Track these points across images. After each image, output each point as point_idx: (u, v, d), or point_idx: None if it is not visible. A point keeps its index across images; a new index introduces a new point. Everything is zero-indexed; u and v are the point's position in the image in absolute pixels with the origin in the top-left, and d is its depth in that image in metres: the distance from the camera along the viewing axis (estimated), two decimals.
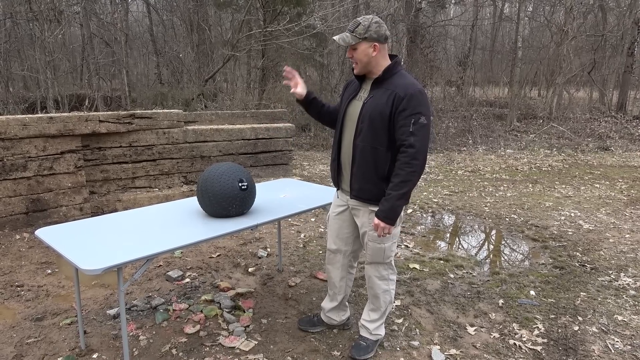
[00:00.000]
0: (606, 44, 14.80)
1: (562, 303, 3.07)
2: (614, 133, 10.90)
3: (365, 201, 2.26)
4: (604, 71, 15.02)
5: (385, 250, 2.32)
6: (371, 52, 2.13)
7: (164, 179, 5.20)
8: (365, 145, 2.18)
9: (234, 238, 4.18)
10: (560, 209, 5.27)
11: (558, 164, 8.07)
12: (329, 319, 2.66)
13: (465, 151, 9.26)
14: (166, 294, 3.12)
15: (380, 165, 2.17)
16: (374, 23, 2.12)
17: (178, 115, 5.23)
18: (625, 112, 13.63)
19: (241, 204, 2.54)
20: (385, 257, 2.35)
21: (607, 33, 14.25)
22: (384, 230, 2.15)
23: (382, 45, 2.15)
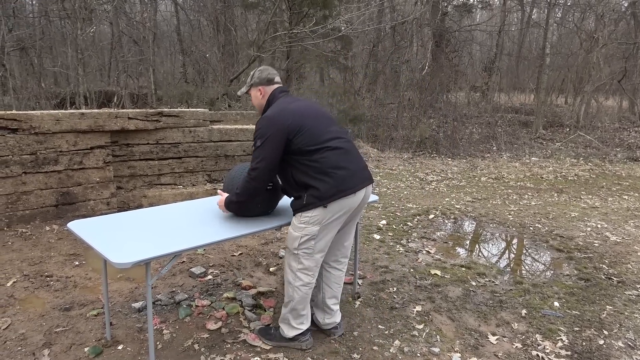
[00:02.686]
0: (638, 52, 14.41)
1: (587, 316, 3.01)
2: None
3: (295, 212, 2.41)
4: (635, 80, 14.63)
5: (290, 238, 2.39)
6: (259, 95, 2.50)
7: (189, 176, 5.29)
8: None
9: (256, 237, 4.22)
10: (586, 219, 5.17)
11: (585, 174, 7.90)
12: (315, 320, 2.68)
13: (489, 158, 9.14)
14: (189, 290, 3.17)
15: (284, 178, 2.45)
16: (257, 71, 2.52)
17: (204, 114, 5.31)
18: None
19: (266, 204, 2.56)
20: (291, 244, 2.39)
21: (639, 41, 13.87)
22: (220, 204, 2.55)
23: (267, 87, 2.48)
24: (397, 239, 4.34)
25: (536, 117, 11.92)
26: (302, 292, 2.42)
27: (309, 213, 2.29)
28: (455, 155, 9.26)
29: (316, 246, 2.35)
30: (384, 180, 7.00)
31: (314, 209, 2.28)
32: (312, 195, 2.27)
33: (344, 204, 2.30)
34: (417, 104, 11.38)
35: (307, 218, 2.30)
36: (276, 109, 2.36)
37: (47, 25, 12.77)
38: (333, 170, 2.26)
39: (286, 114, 2.30)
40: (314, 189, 2.26)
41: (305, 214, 2.31)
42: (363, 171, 2.41)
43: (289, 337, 2.49)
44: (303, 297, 2.44)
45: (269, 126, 2.28)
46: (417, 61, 12.44)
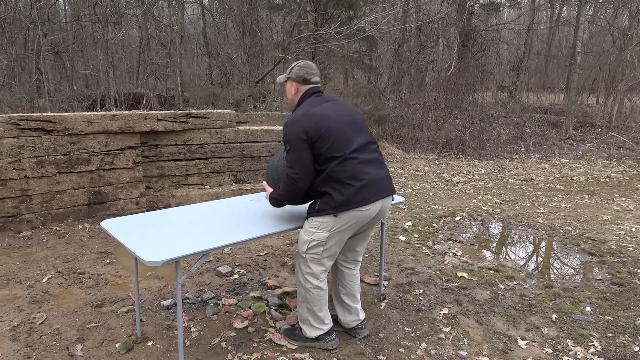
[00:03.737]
0: None
1: (621, 322, 2.92)
2: None
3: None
4: None
5: (300, 241, 2.40)
6: (292, 90, 2.48)
7: (215, 177, 5.36)
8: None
9: (281, 237, 4.25)
10: (619, 222, 5.01)
11: (617, 176, 7.66)
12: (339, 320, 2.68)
13: (517, 159, 8.96)
14: (216, 289, 3.21)
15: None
16: (297, 66, 2.47)
17: (230, 115, 5.37)
18: None
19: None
20: (300, 248, 2.40)
21: None
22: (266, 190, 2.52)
23: (302, 86, 2.45)
24: (423, 241, 4.30)
25: (566, 118, 11.62)
26: (314, 294, 2.42)
27: (320, 219, 2.31)
28: (482, 156, 9.11)
29: (324, 253, 2.35)
30: (409, 181, 6.95)
31: (325, 215, 2.29)
32: (325, 202, 2.28)
33: (356, 215, 2.28)
34: (443, 104, 11.25)
35: (318, 223, 2.32)
36: (300, 112, 2.33)
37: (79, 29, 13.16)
38: (350, 182, 2.24)
39: (309, 118, 2.27)
40: (328, 196, 2.27)
41: (316, 219, 2.33)
42: (383, 182, 2.36)
43: (312, 337, 2.49)
44: (316, 299, 2.43)
45: (291, 131, 2.27)
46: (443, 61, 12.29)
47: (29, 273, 3.38)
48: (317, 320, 2.48)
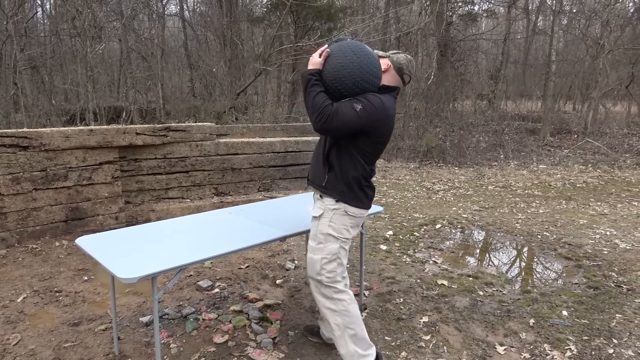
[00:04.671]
0: None
1: (596, 324, 2.98)
2: None
3: (312, 185, 2.36)
4: None
5: (315, 264, 2.25)
6: (384, 67, 2.30)
7: (196, 190, 5.34)
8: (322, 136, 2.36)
9: (262, 250, 4.24)
10: (595, 227, 5.12)
11: (593, 181, 7.84)
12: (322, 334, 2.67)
13: (496, 166, 9.11)
14: (196, 304, 3.19)
15: (324, 149, 2.28)
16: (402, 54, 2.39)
17: (211, 128, 5.37)
18: None
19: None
20: (315, 271, 2.26)
21: None
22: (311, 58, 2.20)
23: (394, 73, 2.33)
24: (404, 250, 4.33)
25: (543, 124, 11.88)
26: (350, 311, 2.26)
27: (331, 200, 2.23)
28: (462, 164, 9.24)
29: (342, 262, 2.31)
30: (390, 190, 7.01)
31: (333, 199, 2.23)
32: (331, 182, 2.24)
33: (356, 213, 2.27)
34: (423, 113, 11.40)
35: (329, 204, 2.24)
36: (382, 100, 2.16)
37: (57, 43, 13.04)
38: (367, 189, 2.30)
39: (384, 113, 2.16)
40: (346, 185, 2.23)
41: (329, 199, 2.24)
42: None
43: None
44: (354, 317, 2.27)
45: (370, 109, 2.10)
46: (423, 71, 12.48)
47: (3, 293, 3.31)
48: (362, 347, 2.28)
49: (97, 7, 10.45)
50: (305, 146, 5.97)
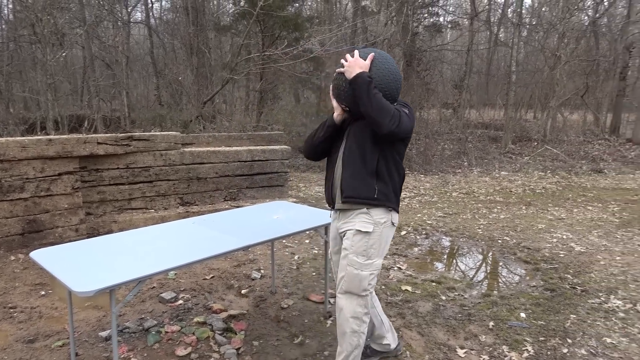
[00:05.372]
0: (599, 68, 15.07)
1: (552, 325, 3.09)
2: (607, 156, 11.02)
3: (355, 202, 2.22)
4: (597, 94, 15.25)
5: (362, 280, 2.19)
6: None
7: (160, 200, 5.25)
8: (351, 144, 2.24)
9: (228, 259, 4.21)
10: (552, 231, 5.32)
11: (552, 186, 8.14)
12: (381, 346, 2.60)
13: (460, 173, 9.34)
14: (159, 316, 3.13)
15: (368, 160, 2.19)
16: None
17: (175, 137, 5.31)
18: (619, 135, 13.80)
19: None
20: (362, 287, 2.20)
21: (600, 58, 14.52)
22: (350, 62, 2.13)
23: None
24: None
25: (505, 132, 12.27)
26: (365, 333, 2.30)
27: (382, 212, 2.22)
28: (427, 171, 9.43)
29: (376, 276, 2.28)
30: None
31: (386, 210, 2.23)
32: (382, 192, 2.20)
33: (397, 222, 2.32)
34: None
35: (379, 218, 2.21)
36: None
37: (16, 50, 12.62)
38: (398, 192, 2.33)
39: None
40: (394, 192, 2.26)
41: (379, 211, 2.21)
42: None
43: None
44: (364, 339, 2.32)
45: (412, 114, 2.24)
46: None
47: None
48: None
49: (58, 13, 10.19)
50: (272, 155, 5.97)
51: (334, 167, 2.32)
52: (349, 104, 2.22)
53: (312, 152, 2.44)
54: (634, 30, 14.73)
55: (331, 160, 2.36)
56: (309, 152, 2.46)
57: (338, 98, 2.26)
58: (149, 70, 16.84)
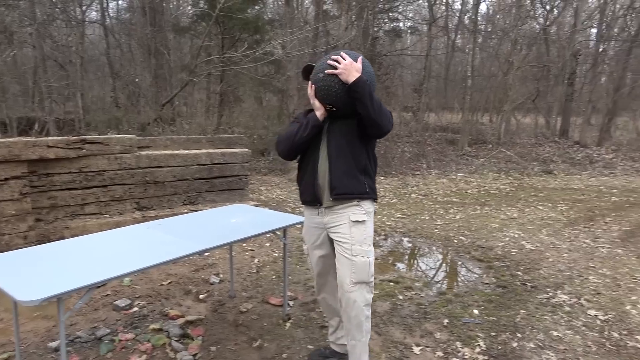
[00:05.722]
0: (549, 74, 15.78)
1: (503, 321, 3.22)
2: (557, 157, 11.56)
3: (347, 198, 2.29)
4: (548, 99, 15.97)
5: (370, 266, 2.27)
6: None
7: (115, 205, 5.10)
8: (340, 142, 2.30)
9: (186, 264, 4.14)
10: (505, 230, 5.53)
11: (505, 187, 8.46)
12: (341, 347, 2.61)
13: (419, 175, 9.56)
14: (112, 324, 3.05)
15: (357, 157, 2.31)
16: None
17: (131, 140, 5.18)
18: (568, 138, 14.48)
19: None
20: (370, 273, 2.28)
21: (549, 64, 15.21)
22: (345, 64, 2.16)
23: None
24: None
25: (462, 135, 12.65)
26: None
27: (370, 202, 2.38)
28: (387, 173, 9.59)
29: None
30: None
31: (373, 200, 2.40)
32: (370, 186, 2.36)
33: None
34: None
35: (368, 208, 2.35)
36: None
37: None
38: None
39: None
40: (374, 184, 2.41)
41: (368, 202, 2.36)
42: None
43: None
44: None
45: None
46: None
47: None
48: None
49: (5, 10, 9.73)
50: (232, 158, 5.92)
51: (315, 164, 2.34)
52: (339, 104, 2.26)
53: (293, 152, 2.43)
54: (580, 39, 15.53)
55: (310, 158, 2.37)
56: (288, 153, 2.44)
57: (326, 98, 2.28)
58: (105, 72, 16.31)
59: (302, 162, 2.45)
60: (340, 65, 2.17)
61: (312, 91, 2.32)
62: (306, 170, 2.40)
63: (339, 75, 2.18)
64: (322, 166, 2.33)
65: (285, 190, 7.81)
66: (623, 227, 5.77)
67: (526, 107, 15.73)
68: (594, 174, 10.36)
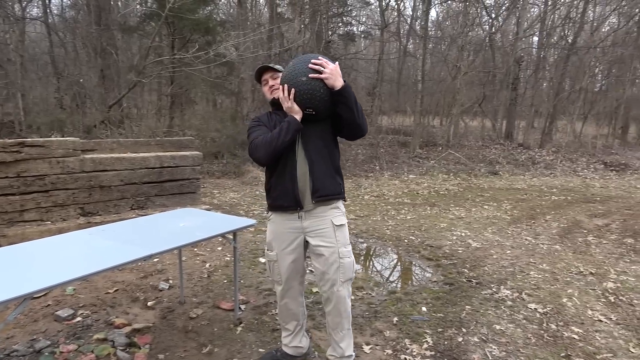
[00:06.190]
0: (494, 79, 16.51)
1: (450, 317, 3.33)
2: (502, 159, 12.09)
3: (328, 199, 2.35)
4: (494, 103, 16.69)
5: (353, 264, 2.44)
6: None
7: (58, 211, 4.87)
8: (317, 144, 2.33)
9: (134, 271, 4.01)
10: (453, 229, 5.73)
11: (454, 188, 8.76)
12: (295, 350, 2.65)
13: (372, 177, 9.73)
14: (53, 336, 2.91)
15: (333, 158, 2.39)
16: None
17: (74, 143, 4.96)
18: (512, 140, 15.18)
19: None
20: (353, 270, 2.44)
21: (495, 70, 15.91)
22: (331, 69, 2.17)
23: None
24: None
25: (413, 138, 12.98)
26: None
27: (342, 203, 2.49)
28: None
29: None
30: None
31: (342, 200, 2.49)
32: (343, 186, 2.47)
33: None
34: None
35: (343, 208, 2.47)
36: None
37: None
38: None
39: None
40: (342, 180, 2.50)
41: (341, 203, 2.46)
42: None
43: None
44: None
45: None
46: None
47: None
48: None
49: None
50: (182, 161, 5.80)
51: (293, 169, 2.31)
52: (320, 109, 2.25)
53: (273, 157, 2.29)
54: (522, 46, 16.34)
55: (287, 162, 2.32)
56: (269, 158, 2.29)
57: (308, 102, 2.22)
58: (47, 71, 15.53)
59: (276, 168, 2.36)
60: (327, 70, 2.16)
61: (292, 95, 2.22)
62: (282, 175, 2.34)
63: (324, 80, 2.17)
64: (301, 169, 2.31)
65: (238, 193, 7.74)
66: (561, 224, 6.11)
67: (473, 110, 16.36)
68: (536, 174, 10.92)
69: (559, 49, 16.76)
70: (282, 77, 2.29)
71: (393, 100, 20.69)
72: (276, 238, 2.47)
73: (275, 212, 2.45)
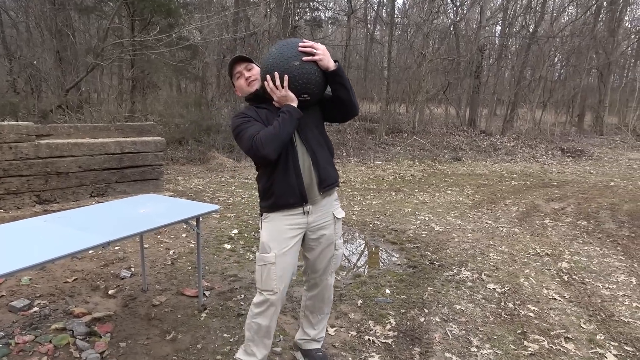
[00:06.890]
0: (459, 67, 16.80)
1: (413, 298, 3.41)
2: (465, 145, 12.38)
3: (332, 187, 2.29)
4: (458, 91, 17.01)
5: (339, 258, 2.50)
6: None
7: (12, 198, 4.68)
8: (314, 132, 2.21)
9: (94, 259, 3.91)
10: (417, 214, 5.84)
11: (419, 174, 8.92)
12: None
13: (339, 163, 9.77)
14: (8, 327, 2.80)
15: (328, 144, 2.33)
16: None
17: (27, 128, 4.75)
18: (475, 127, 15.55)
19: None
20: (342, 259, 2.57)
21: (459, 58, 16.17)
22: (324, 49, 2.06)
23: None
24: (248, 247, 4.40)
25: (380, 125, 13.10)
26: None
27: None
28: None
29: None
30: (239, 189, 7.03)
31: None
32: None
33: None
34: None
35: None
36: None
37: None
38: None
39: None
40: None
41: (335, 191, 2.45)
42: None
43: None
44: None
45: None
46: None
47: None
48: None
49: None
50: (144, 147, 5.65)
51: (295, 161, 2.14)
52: (315, 93, 2.11)
53: (280, 151, 2.09)
54: (485, 34, 16.66)
55: (288, 155, 2.13)
56: (278, 151, 2.07)
57: (304, 88, 2.06)
58: None
59: (276, 164, 2.14)
60: (319, 51, 2.02)
61: (285, 82, 2.03)
62: (285, 171, 2.14)
63: (318, 62, 2.03)
64: (304, 162, 2.16)
65: (204, 180, 7.62)
66: (520, 208, 6.33)
67: (438, 98, 16.63)
68: (497, 160, 11.24)
69: (520, 38, 17.19)
70: (269, 65, 2.06)
71: (360, 87, 20.77)
72: (275, 238, 2.21)
73: (275, 212, 2.24)
